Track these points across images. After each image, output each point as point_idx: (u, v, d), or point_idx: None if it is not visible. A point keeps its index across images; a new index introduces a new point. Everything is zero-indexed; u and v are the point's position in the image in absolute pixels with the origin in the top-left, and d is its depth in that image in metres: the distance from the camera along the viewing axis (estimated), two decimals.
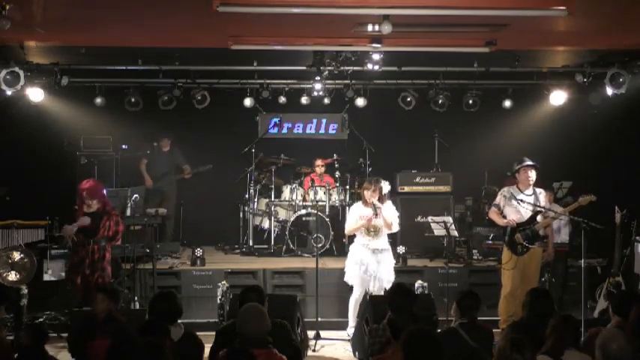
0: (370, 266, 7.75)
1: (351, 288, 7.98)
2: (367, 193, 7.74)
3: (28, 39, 8.50)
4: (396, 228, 7.92)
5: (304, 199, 10.92)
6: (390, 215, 7.79)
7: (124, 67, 10.08)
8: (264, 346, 4.64)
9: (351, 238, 8.21)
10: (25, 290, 8.51)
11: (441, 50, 8.79)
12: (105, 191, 8.47)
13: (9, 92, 8.91)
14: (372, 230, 7.78)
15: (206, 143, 11.69)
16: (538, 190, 7.88)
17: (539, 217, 7.75)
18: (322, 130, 12.26)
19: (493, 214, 7.98)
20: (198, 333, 5.45)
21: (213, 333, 5.57)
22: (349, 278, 7.89)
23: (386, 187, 8.21)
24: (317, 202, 10.73)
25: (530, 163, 7.80)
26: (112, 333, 5.30)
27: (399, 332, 4.63)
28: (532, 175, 7.78)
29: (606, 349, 4.24)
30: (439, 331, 5.76)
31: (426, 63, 10.17)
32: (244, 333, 4.67)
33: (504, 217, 7.86)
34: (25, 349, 4.87)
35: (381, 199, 7.79)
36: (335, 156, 11.42)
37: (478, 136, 11.55)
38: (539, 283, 8.63)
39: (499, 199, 7.93)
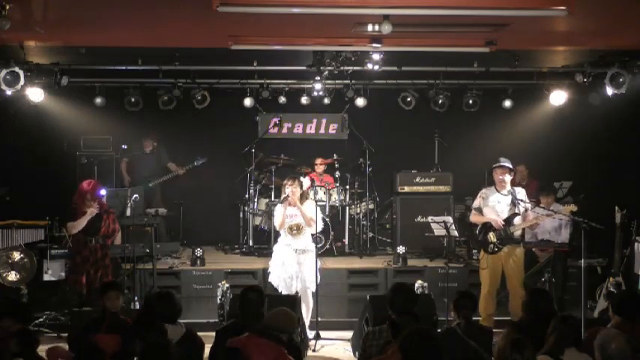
0: (291, 267, 7.77)
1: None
2: (288, 190, 7.81)
3: (28, 39, 8.50)
4: (318, 226, 7.93)
5: None
6: (311, 212, 7.80)
7: (124, 67, 10.07)
8: (278, 342, 4.79)
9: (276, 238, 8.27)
10: (25, 290, 8.54)
11: (441, 50, 8.79)
12: (105, 191, 8.51)
13: (9, 92, 8.90)
14: (294, 229, 7.81)
15: (206, 143, 11.68)
16: (517, 189, 7.89)
17: (516, 220, 7.73)
18: (322, 130, 12.25)
19: (474, 217, 7.98)
20: (198, 333, 5.46)
21: (213, 333, 5.57)
22: (273, 280, 7.88)
23: (306, 182, 8.22)
24: (317, 202, 10.72)
25: (500, 164, 7.81)
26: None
27: (399, 332, 4.64)
28: (504, 177, 7.78)
29: (605, 349, 4.25)
30: (439, 331, 5.76)
31: (426, 63, 10.17)
32: (269, 323, 4.92)
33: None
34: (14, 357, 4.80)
35: (302, 197, 7.86)
36: (335, 156, 11.42)
37: (478, 136, 11.54)
38: (540, 283, 8.65)
39: (477, 202, 7.96)
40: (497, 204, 7.80)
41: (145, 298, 7.89)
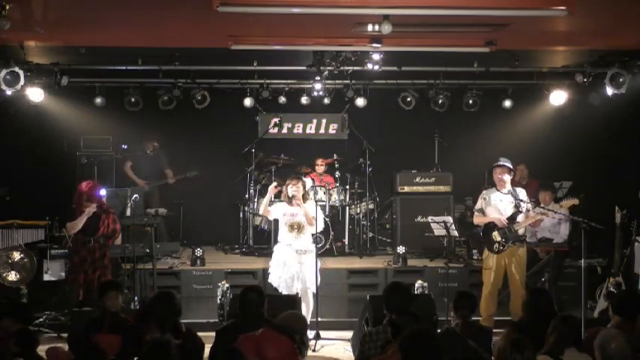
0: (292, 267, 7.76)
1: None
2: (290, 190, 7.81)
3: (28, 39, 8.50)
4: (319, 225, 7.93)
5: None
6: (312, 210, 7.80)
7: (124, 67, 10.07)
8: (292, 339, 4.94)
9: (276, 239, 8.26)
10: (25, 290, 8.54)
11: (441, 50, 8.79)
12: (105, 191, 8.51)
13: (9, 92, 8.90)
14: (295, 227, 7.80)
15: (206, 143, 11.67)
16: (518, 189, 7.91)
17: (520, 217, 7.74)
18: (322, 130, 12.24)
19: (478, 219, 7.98)
20: (198, 333, 5.46)
21: (213, 333, 5.57)
22: (273, 280, 7.86)
23: (308, 182, 8.22)
24: (317, 202, 10.71)
25: (500, 163, 7.83)
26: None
27: (399, 332, 4.64)
28: (503, 177, 7.81)
29: (605, 349, 4.25)
30: (439, 331, 5.76)
31: (426, 63, 10.17)
32: (282, 323, 5.04)
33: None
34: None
35: (304, 197, 7.87)
36: (335, 156, 11.42)
37: (478, 136, 11.54)
38: (540, 283, 8.64)
39: (479, 203, 7.97)
40: (499, 202, 7.81)
41: (147, 299, 7.91)
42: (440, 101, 11.10)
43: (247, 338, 4.88)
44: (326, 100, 11.38)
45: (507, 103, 11.14)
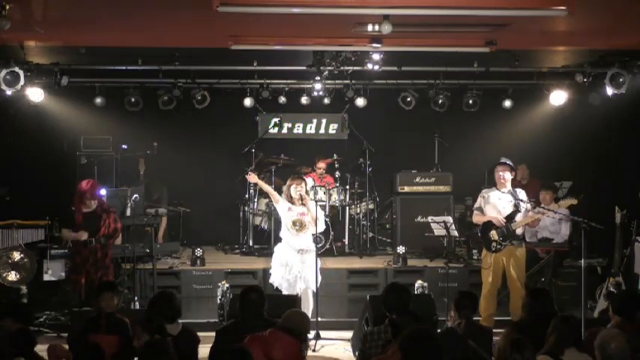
0: (295, 267, 7.77)
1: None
2: (294, 190, 7.81)
3: (28, 39, 8.50)
4: (321, 225, 7.93)
5: None
6: (315, 211, 7.81)
7: (124, 67, 10.07)
8: (299, 340, 4.98)
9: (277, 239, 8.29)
10: (25, 290, 8.54)
11: (441, 50, 8.79)
12: (105, 191, 8.51)
13: (9, 92, 8.90)
14: (297, 224, 7.80)
15: (206, 143, 11.69)
16: (518, 190, 7.91)
17: (518, 216, 7.74)
18: (322, 130, 12.24)
19: (476, 217, 7.97)
20: (198, 333, 5.46)
21: (213, 333, 5.57)
22: (275, 280, 7.87)
23: (310, 181, 8.17)
24: (317, 202, 10.70)
25: (501, 161, 7.85)
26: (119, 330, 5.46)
27: (400, 332, 4.64)
28: (505, 175, 7.80)
29: (605, 349, 4.25)
30: (439, 331, 5.77)
31: (426, 63, 10.17)
32: (284, 325, 5.05)
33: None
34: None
35: (307, 194, 7.92)
36: (335, 156, 11.42)
37: (478, 136, 11.54)
38: (540, 283, 8.64)
39: (479, 202, 7.96)
40: (498, 201, 7.81)
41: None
42: (440, 101, 11.10)
43: (255, 338, 4.88)
44: (326, 100, 11.38)
45: (507, 103, 11.14)
